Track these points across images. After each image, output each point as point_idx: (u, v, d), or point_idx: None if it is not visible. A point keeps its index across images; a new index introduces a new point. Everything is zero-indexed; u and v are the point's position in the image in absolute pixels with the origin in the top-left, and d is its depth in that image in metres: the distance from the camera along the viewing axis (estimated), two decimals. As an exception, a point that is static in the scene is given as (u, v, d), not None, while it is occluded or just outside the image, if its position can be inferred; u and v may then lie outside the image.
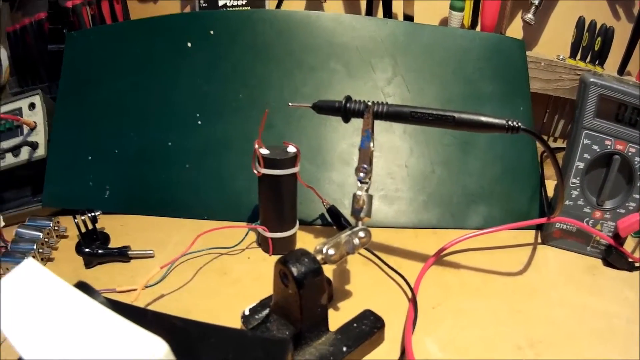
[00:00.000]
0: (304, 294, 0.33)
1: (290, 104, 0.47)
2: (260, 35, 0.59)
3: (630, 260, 0.49)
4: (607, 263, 0.50)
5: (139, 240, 0.49)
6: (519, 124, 0.39)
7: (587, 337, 0.39)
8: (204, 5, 0.70)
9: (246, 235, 0.49)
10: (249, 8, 0.69)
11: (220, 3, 0.70)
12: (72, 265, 0.47)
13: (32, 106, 0.57)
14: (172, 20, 0.61)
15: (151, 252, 0.48)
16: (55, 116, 0.58)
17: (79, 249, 0.47)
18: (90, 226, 0.48)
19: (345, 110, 0.43)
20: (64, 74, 0.60)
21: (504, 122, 0.39)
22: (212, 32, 0.59)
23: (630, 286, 0.46)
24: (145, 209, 0.56)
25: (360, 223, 0.38)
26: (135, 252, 0.48)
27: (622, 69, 0.69)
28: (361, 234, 0.38)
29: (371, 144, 0.39)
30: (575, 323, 0.41)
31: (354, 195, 0.38)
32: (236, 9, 0.68)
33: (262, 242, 0.50)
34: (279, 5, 0.70)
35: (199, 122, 0.58)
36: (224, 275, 0.46)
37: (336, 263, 0.37)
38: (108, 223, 0.53)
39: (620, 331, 0.40)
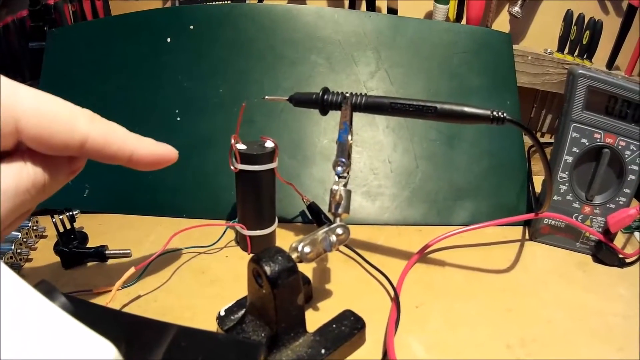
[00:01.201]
0: (278, 294, 0.32)
1: (266, 97, 0.45)
2: (241, 30, 0.58)
3: (620, 256, 0.48)
4: (597, 259, 0.48)
5: (117, 239, 0.48)
6: (505, 114, 0.37)
7: (579, 336, 0.38)
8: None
9: (224, 233, 0.48)
10: (229, 2, 0.67)
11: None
12: (50, 265, 0.45)
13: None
14: (151, 16, 0.59)
15: (128, 251, 0.46)
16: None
17: (56, 249, 0.45)
18: (68, 226, 0.46)
19: (323, 102, 0.41)
20: (44, 72, 0.58)
21: (488, 112, 0.37)
22: (191, 27, 0.58)
23: (622, 282, 0.45)
24: (124, 207, 0.54)
25: (338, 219, 0.37)
26: (112, 252, 0.46)
27: (610, 63, 0.68)
28: (339, 230, 0.36)
29: (349, 137, 0.38)
30: (567, 321, 0.39)
31: (331, 191, 0.37)
32: (216, 3, 0.67)
33: (241, 241, 0.48)
34: (260, -1, 0.69)
35: (178, 119, 0.56)
36: (202, 274, 0.44)
37: (313, 261, 0.35)
38: (87, 222, 0.51)
39: (614, 330, 0.38)
